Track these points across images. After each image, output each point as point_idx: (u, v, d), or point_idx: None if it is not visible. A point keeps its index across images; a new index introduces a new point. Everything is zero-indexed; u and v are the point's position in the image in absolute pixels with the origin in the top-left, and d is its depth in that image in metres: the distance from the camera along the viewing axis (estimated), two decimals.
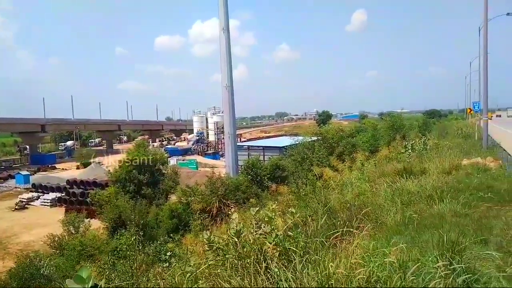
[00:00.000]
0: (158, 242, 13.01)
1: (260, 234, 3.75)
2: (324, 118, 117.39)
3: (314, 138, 29.71)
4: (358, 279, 3.03)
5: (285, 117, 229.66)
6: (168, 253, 8.59)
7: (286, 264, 3.40)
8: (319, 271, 3.16)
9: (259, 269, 3.29)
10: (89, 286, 2.14)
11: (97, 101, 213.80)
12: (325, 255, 3.45)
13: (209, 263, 3.71)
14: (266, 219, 3.92)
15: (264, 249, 3.48)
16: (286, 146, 35.86)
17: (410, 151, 16.88)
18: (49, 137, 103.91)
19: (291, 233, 3.88)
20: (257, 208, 4.07)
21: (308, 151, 26.55)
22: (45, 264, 13.91)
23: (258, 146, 49.17)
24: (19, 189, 44.01)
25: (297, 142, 30.50)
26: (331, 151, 26.20)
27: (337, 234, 4.15)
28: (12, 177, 50.60)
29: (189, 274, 3.83)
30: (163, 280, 4.57)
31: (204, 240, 4.03)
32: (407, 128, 36.12)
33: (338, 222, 4.96)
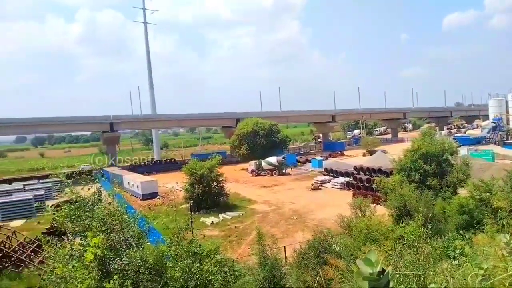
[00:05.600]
0: (446, 237, 12.22)
1: None
2: None
3: None
4: None
5: None
6: (458, 251, 7.97)
7: None
8: None
9: None
10: (377, 270, 2.26)
11: (382, 90, 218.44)
12: None
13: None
14: None
15: None
16: None
17: None
18: (338, 126, 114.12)
19: None
20: None
21: None
22: (336, 241, 15.44)
23: None
24: (314, 172, 50.62)
25: None
26: None
27: None
28: (309, 161, 59.03)
29: (480, 278, 3.44)
30: (452, 278, 4.29)
31: (502, 243, 3.53)
32: None
33: None
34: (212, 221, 29.64)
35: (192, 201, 29.54)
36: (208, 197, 33.63)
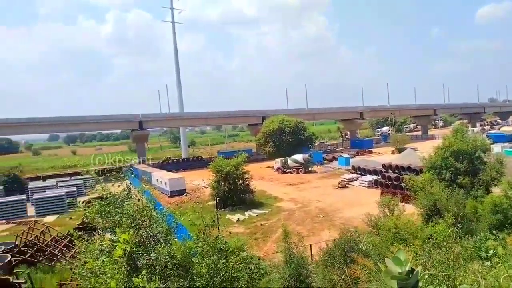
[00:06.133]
0: (478, 237, 11.84)
1: None
2: None
3: None
4: None
5: None
6: (490, 251, 7.71)
7: None
8: None
9: None
10: (406, 269, 2.22)
11: (411, 86, 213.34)
12: None
13: None
14: None
15: None
16: None
17: None
18: (366, 123, 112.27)
19: None
20: None
21: None
22: (363, 240, 15.22)
23: None
24: (341, 170, 49.98)
25: None
26: None
27: None
28: (336, 159, 58.47)
29: None
30: (484, 279, 4.16)
31: None
32: None
33: None
34: (238, 218, 29.79)
35: (218, 198, 29.78)
36: (234, 194, 33.81)
